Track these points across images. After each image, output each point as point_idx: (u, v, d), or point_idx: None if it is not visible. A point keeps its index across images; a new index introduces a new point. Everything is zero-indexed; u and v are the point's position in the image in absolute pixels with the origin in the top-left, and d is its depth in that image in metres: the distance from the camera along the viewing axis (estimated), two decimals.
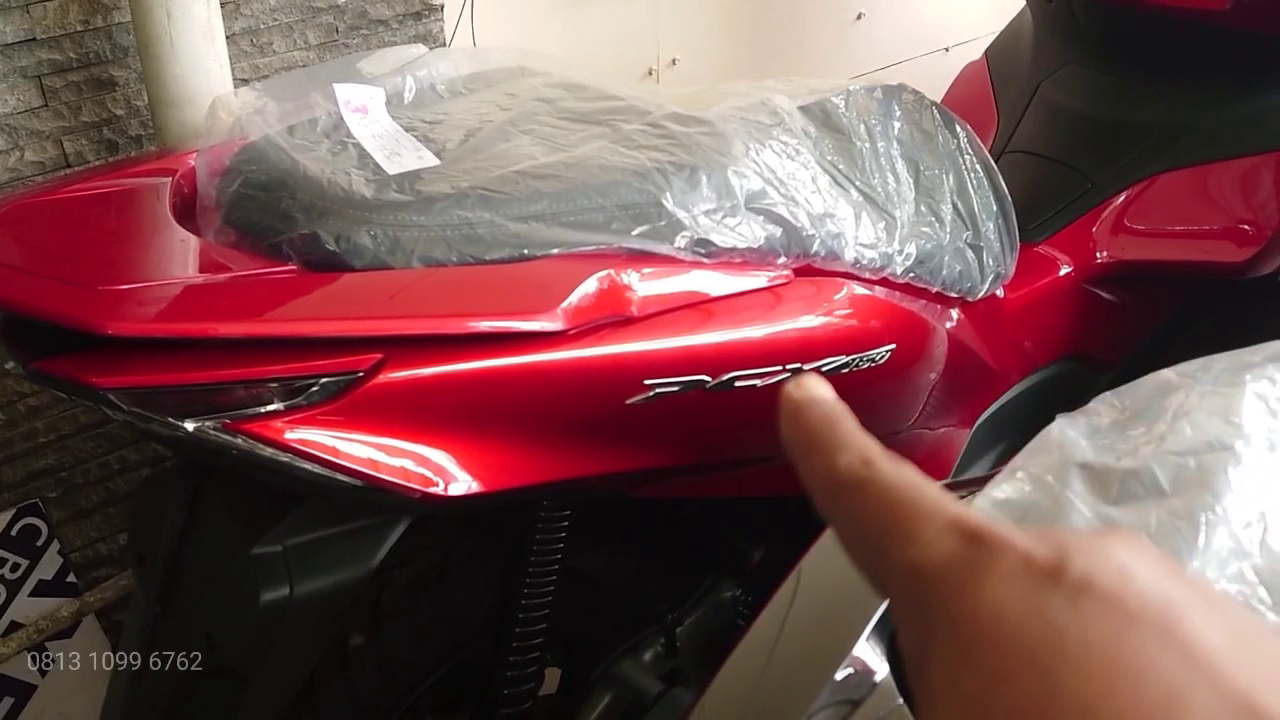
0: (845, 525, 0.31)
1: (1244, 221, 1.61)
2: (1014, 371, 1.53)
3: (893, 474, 0.30)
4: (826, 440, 0.32)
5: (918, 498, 0.30)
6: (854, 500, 0.30)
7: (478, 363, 0.83)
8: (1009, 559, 0.27)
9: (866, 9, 2.24)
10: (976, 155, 1.37)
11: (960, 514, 0.29)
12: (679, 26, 1.90)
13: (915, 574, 0.28)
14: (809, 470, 0.32)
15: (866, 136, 1.21)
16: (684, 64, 1.94)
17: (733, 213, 0.98)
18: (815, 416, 0.33)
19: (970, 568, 0.27)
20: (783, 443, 0.33)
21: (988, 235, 1.33)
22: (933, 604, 0.27)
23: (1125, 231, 1.63)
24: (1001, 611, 0.26)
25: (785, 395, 0.33)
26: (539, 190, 0.92)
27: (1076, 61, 1.77)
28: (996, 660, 0.25)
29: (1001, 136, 1.82)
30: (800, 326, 1.02)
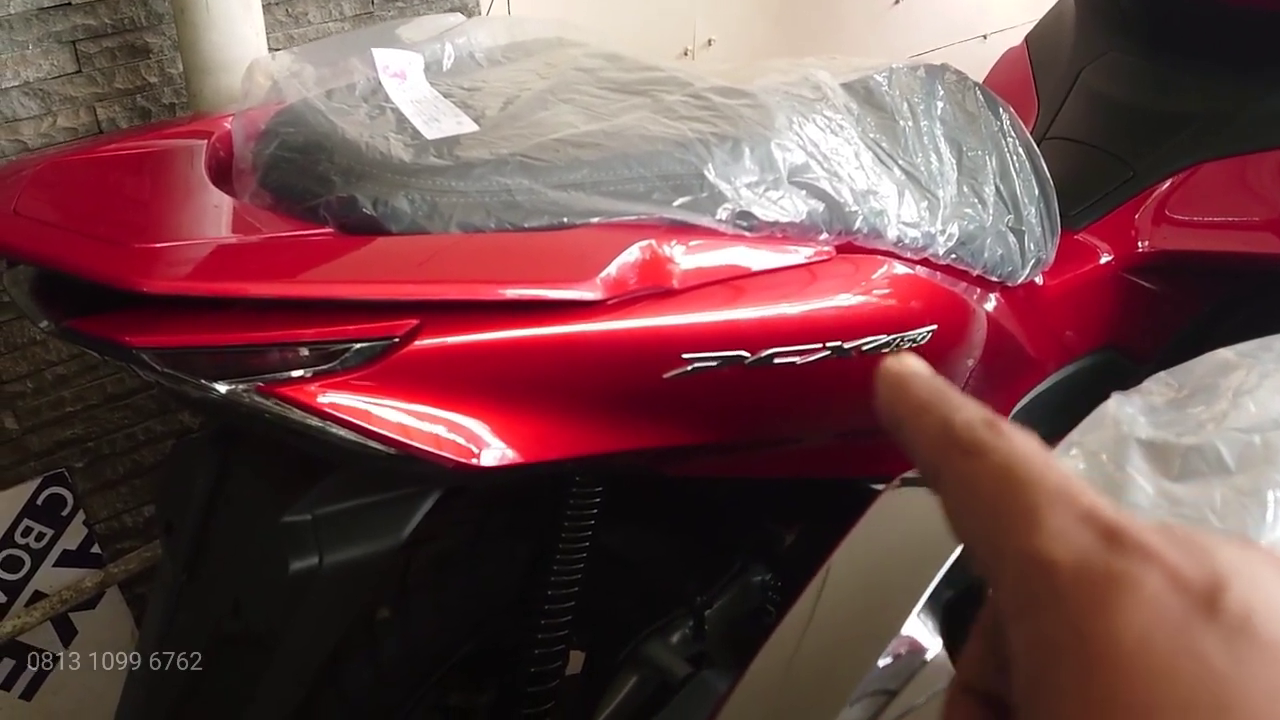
0: (956, 493, 0.28)
1: None
2: (1051, 360, 1.51)
3: (1019, 442, 0.27)
4: (938, 399, 0.29)
5: (1047, 476, 0.26)
6: (970, 466, 0.27)
7: (514, 331, 0.82)
8: (1155, 575, 0.24)
9: None
10: (1019, 138, 1.35)
11: (1095, 505, 0.26)
12: (714, 6, 1.88)
13: (1039, 568, 0.25)
14: (918, 429, 0.29)
15: (909, 115, 1.19)
16: (719, 45, 1.92)
17: (775, 186, 0.96)
18: (923, 384, 0.30)
19: (1109, 578, 0.24)
20: (881, 410, 0.30)
21: (1029, 220, 1.31)
22: (1059, 610, 0.24)
23: (1167, 221, 1.60)
24: (1148, 641, 0.23)
25: (885, 369, 0.31)
26: (579, 158, 0.90)
27: (1119, 48, 1.74)
28: (1143, 698, 0.22)
29: (1042, 122, 1.79)
30: (841, 304, 1.00)
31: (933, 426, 0.29)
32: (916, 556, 0.69)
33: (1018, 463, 0.27)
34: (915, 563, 0.68)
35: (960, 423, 0.28)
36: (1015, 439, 0.27)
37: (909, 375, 0.30)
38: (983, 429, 0.28)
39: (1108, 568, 0.24)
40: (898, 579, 0.68)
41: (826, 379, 1.00)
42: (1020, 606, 0.25)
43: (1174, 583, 0.24)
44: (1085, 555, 0.24)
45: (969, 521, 0.28)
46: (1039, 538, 0.25)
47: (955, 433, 0.28)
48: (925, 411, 0.29)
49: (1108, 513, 0.25)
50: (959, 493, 0.28)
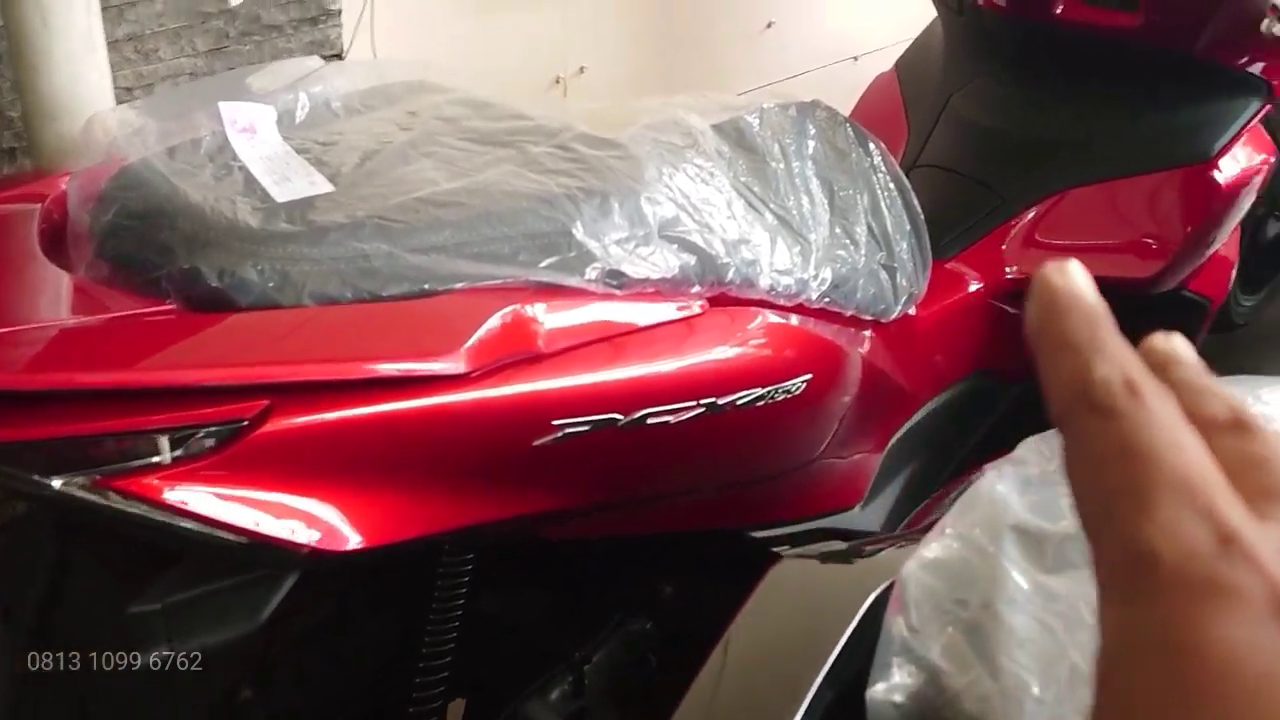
0: (1076, 448, 0.25)
1: (1151, 236, 1.61)
2: (925, 390, 1.51)
3: (1153, 412, 0.25)
4: (1086, 340, 0.26)
5: (1171, 457, 0.24)
6: (1097, 426, 0.25)
7: (374, 407, 0.78)
8: (1260, 594, 0.22)
9: (776, 18, 2.21)
10: (890, 173, 1.35)
11: (1215, 502, 0.23)
12: (587, 35, 1.85)
13: (1141, 558, 0.23)
14: (1054, 369, 0.26)
15: (780, 156, 1.18)
16: (592, 72, 1.89)
17: (645, 241, 0.94)
18: (1077, 311, 0.27)
19: (1212, 586, 0.22)
20: (1027, 329, 0.28)
21: (901, 255, 1.31)
22: (1153, 606, 0.23)
23: (1035, 247, 1.63)
24: (1237, 663, 0.21)
25: (1043, 278, 0.27)
26: (441, 219, 0.87)
27: (988, 74, 1.77)
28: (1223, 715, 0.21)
29: (912, 149, 1.80)
30: (716, 359, 0.98)
31: (1071, 371, 0.26)
32: (812, 632, 0.67)
33: (1144, 436, 0.24)
34: (811, 639, 0.66)
35: (1098, 379, 0.25)
36: (1151, 407, 0.25)
37: (1064, 300, 0.27)
38: (1120, 390, 0.25)
39: (1213, 574, 0.22)
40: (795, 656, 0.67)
41: (701, 436, 0.98)
42: (1114, 588, 0.24)
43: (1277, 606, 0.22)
44: (1192, 555, 0.23)
45: (1082, 481, 0.25)
46: (1148, 525, 0.23)
47: (1091, 388, 0.25)
48: (1067, 350, 0.26)
49: (1226, 512, 0.23)
50: (1079, 449, 0.25)
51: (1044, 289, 0.27)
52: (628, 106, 1.22)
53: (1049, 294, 0.27)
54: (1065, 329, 0.26)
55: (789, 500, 1.23)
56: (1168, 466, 0.24)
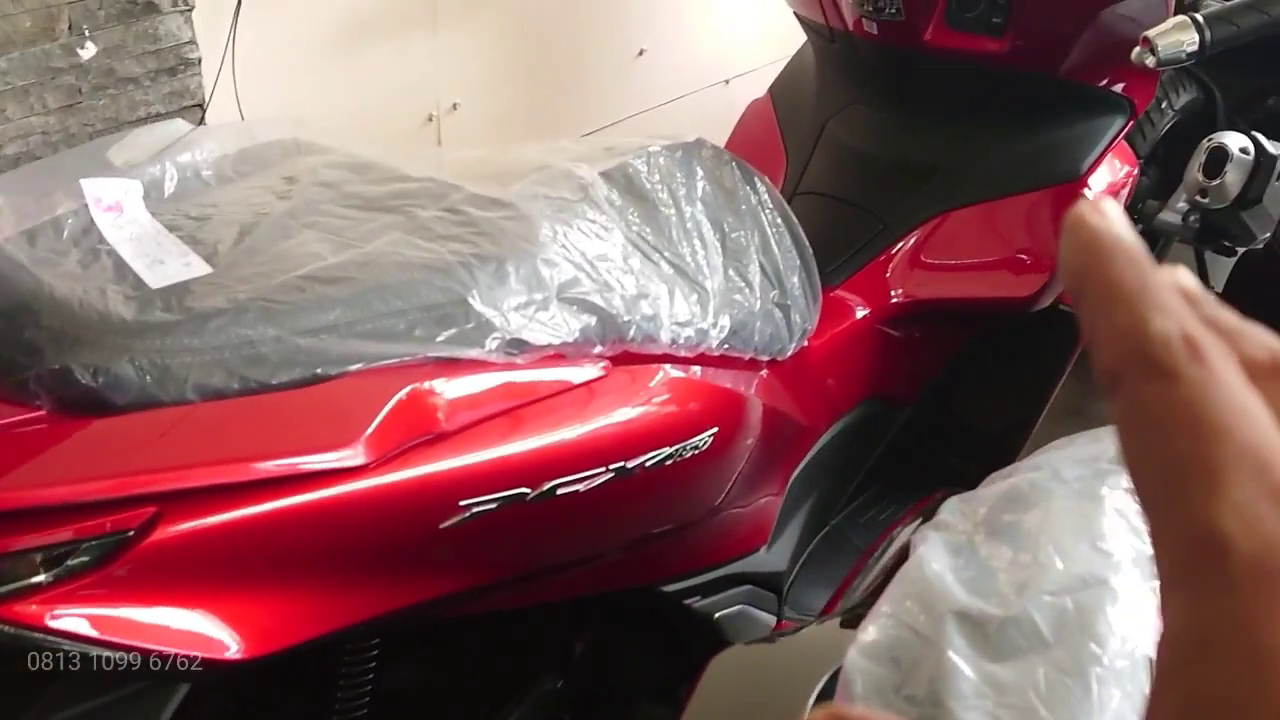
0: (1132, 415, 0.22)
1: (1029, 255, 1.64)
2: (821, 422, 1.51)
3: (1221, 376, 0.22)
4: (1137, 290, 0.23)
5: (1242, 427, 0.21)
6: (1159, 392, 0.22)
7: (270, 504, 0.73)
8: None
9: (648, 45, 2.20)
10: (777, 209, 1.34)
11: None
12: (458, 71, 1.81)
13: (1212, 545, 0.21)
14: (1103, 322, 0.23)
15: (671, 202, 1.16)
16: (466, 108, 1.85)
17: (544, 305, 0.91)
18: (1123, 256, 0.23)
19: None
20: (1064, 276, 0.24)
21: (794, 292, 1.31)
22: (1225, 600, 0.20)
23: (918, 271, 1.64)
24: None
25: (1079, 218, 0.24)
26: (329, 297, 0.82)
27: (861, 100, 1.78)
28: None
29: (792, 177, 1.80)
30: (623, 421, 0.95)
31: (1123, 326, 0.23)
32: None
33: (1211, 404, 0.22)
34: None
35: (1157, 333, 0.22)
36: (1215, 369, 0.22)
37: (1107, 242, 0.24)
38: (1181, 349, 0.22)
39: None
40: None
41: (612, 501, 0.96)
42: (1181, 577, 0.21)
43: None
44: (1270, 543, 0.20)
45: (1139, 451, 0.22)
46: (1218, 507, 0.21)
47: (1148, 346, 0.22)
48: (1118, 304, 0.23)
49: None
50: (1136, 417, 0.22)
51: (1082, 230, 0.24)
52: (510, 155, 1.19)
53: (1089, 235, 0.24)
54: (1112, 276, 0.23)
55: (698, 550, 1.21)
56: (1239, 439, 0.21)
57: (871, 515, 1.74)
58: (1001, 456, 1.82)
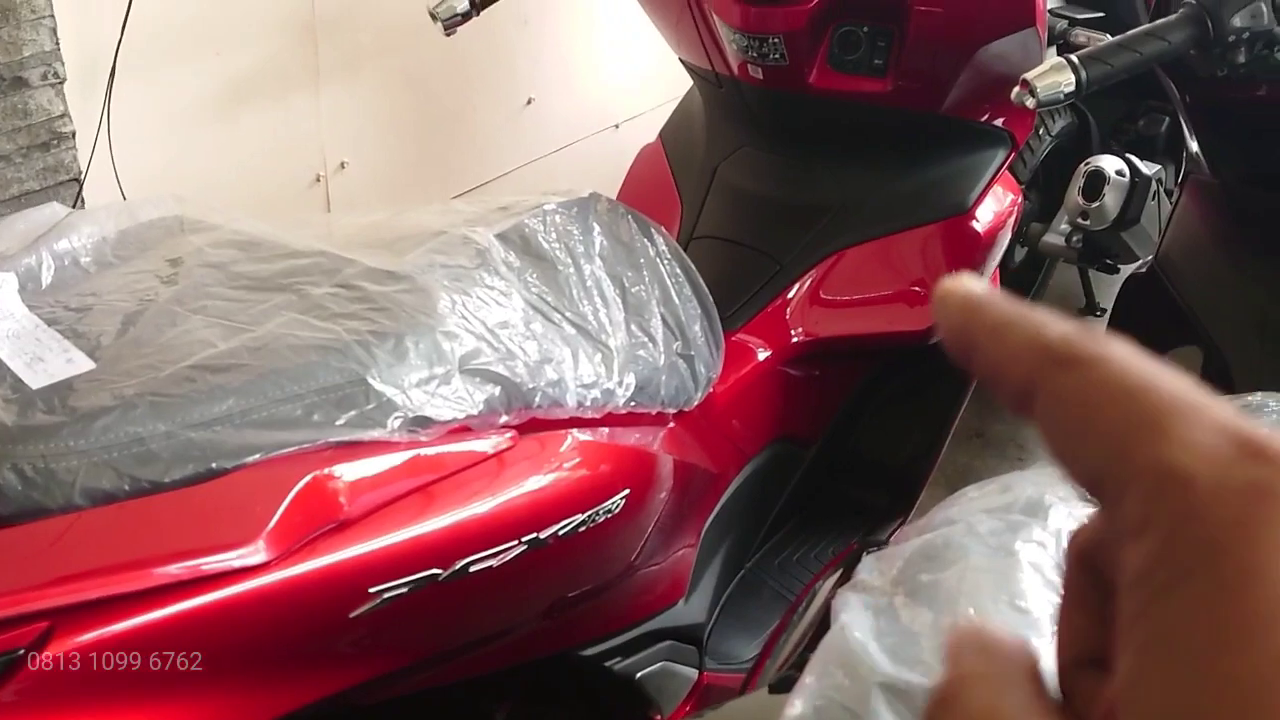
0: (1060, 410, 0.24)
1: (924, 288, 1.67)
2: (731, 468, 1.51)
3: (1123, 350, 0.24)
4: (1021, 315, 0.26)
5: (1164, 383, 0.23)
6: (1075, 378, 0.24)
7: (170, 609, 0.70)
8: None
9: (536, 94, 2.19)
10: (676, 258, 1.34)
11: (1227, 415, 0.22)
12: (344, 129, 1.78)
13: (1172, 480, 0.22)
14: (1002, 351, 0.25)
15: (569, 260, 1.15)
16: (354, 167, 1.82)
17: (446, 380, 0.89)
18: (995, 304, 0.26)
19: (1256, 491, 0.21)
20: (947, 338, 0.27)
21: (696, 341, 1.30)
22: (1193, 526, 0.21)
23: (816, 309, 1.66)
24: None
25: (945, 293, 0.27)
26: (222, 387, 0.80)
27: (750, 143, 1.79)
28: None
29: (687, 222, 1.81)
30: (533, 492, 0.94)
31: (1022, 344, 0.25)
32: None
33: (1130, 371, 0.24)
34: None
35: (1056, 335, 0.25)
36: (1121, 348, 0.24)
37: (976, 298, 0.27)
38: (1084, 339, 0.24)
39: (1255, 481, 0.21)
40: None
41: (526, 573, 0.94)
42: (1145, 523, 0.22)
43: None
44: (1226, 467, 0.22)
45: (1079, 439, 0.24)
46: (1170, 447, 0.22)
47: (1054, 346, 0.25)
48: (1008, 329, 0.26)
49: (1242, 424, 0.22)
50: (1064, 409, 0.24)
51: (951, 296, 0.27)
52: (404, 219, 1.17)
53: (959, 298, 0.27)
54: (992, 317, 0.26)
55: (615, 610, 1.19)
56: (1166, 389, 0.23)
57: (786, 555, 1.74)
58: (908, 486, 1.85)
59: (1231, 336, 1.37)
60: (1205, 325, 1.44)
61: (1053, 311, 0.26)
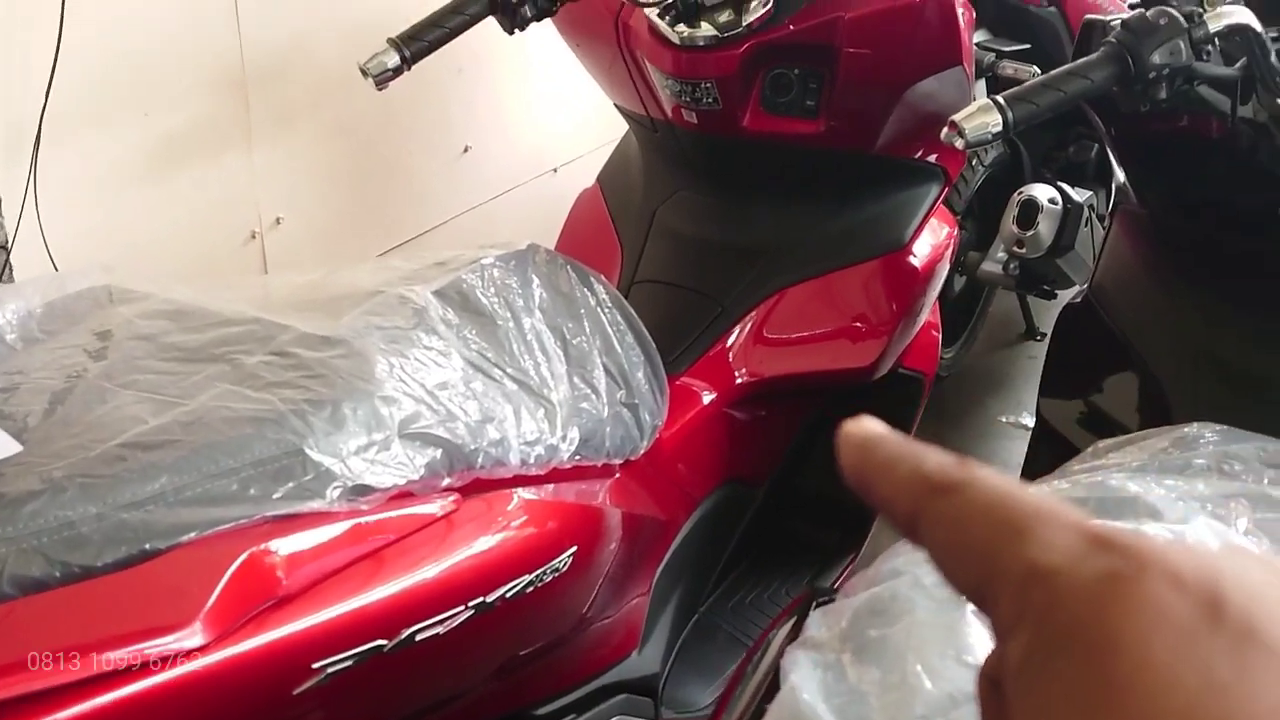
0: (940, 531, 0.28)
1: (865, 324, 1.68)
2: (681, 514, 1.51)
3: (990, 475, 0.28)
4: (907, 453, 0.30)
5: (1030, 498, 0.26)
6: (953, 501, 0.28)
7: (105, 699, 0.68)
8: (1154, 577, 0.23)
9: (472, 141, 2.19)
10: (616, 306, 1.34)
11: (1083, 519, 0.26)
12: (278, 184, 1.76)
13: (1035, 576, 0.25)
14: (890, 484, 0.30)
15: (509, 314, 1.14)
16: (289, 222, 1.80)
17: (386, 446, 0.88)
18: (885, 444, 0.31)
19: (1109, 579, 0.24)
20: (846, 473, 0.31)
21: (640, 389, 1.30)
22: (1058, 612, 0.24)
23: (759, 350, 1.66)
24: (1149, 644, 0.22)
25: (845, 435, 0.31)
26: (154, 465, 0.78)
27: (688, 186, 1.80)
28: (1143, 706, 0.22)
29: (628, 266, 1.81)
30: (478, 555, 0.92)
31: (906, 477, 0.29)
32: None
33: (995, 490, 0.27)
34: None
35: (933, 467, 0.29)
36: (986, 473, 0.28)
37: (871, 439, 0.31)
38: (955, 468, 0.28)
39: (1103, 568, 0.24)
40: None
41: (474, 638, 0.92)
42: (1017, 618, 0.25)
43: (1173, 585, 0.23)
44: (1080, 559, 0.24)
45: (958, 554, 0.27)
46: (1033, 548, 0.25)
47: (931, 477, 0.28)
48: (895, 465, 0.30)
49: (1098, 526, 0.25)
50: (944, 530, 0.28)
51: (850, 438, 0.31)
52: (341, 278, 1.16)
53: (857, 438, 0.31)
54: (885, 455, 0.30)
55: (567, 667, 1.18)
56: (1023, 503, 0.26)
57: (740, 598, 1.74)
58: (859, 522, 1.85)
59: (1166, 365, 1.39)
60: (1141, 354, 1.46)
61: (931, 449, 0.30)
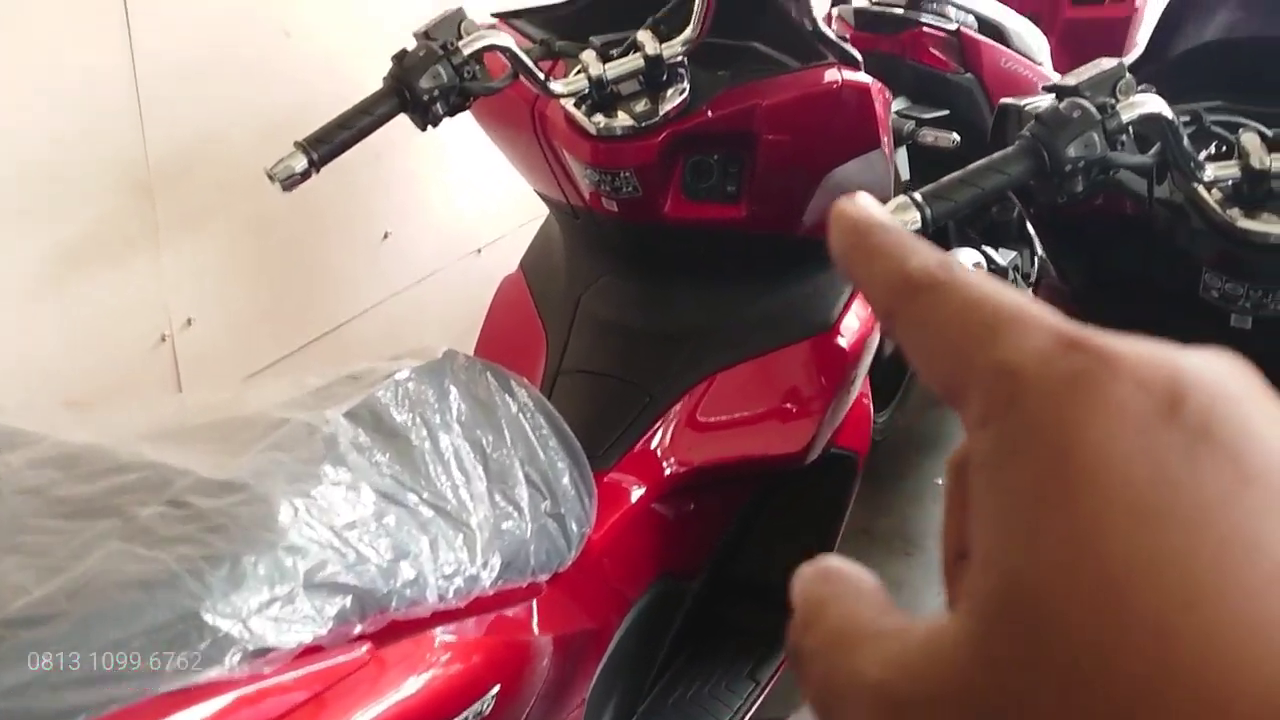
0: (916, 329, 0.28)
1: (797, 408, 1.66)
2: (614, 617, 1.46)
3: (975, 276, 0.28)
4: (893, 245, 0.30)
5: (1007, 299, 0.27)
6: (931, 300, 0.28)
7: None
8: (1117, 376, 0.24)
9: (392, 227, 2.15)
10: (539, 409, 1.30)
11: (1054, 319, 0.26)
12: (189, 285, 1.70)
13: (1004, 374, 0.25)
14: (872, 276, 0.30)
15: (425, 433, 1.10)
16: (202, 323, 1.74)
17: (290, 599, 0.83)
18: (878, 228, 0.30)
19: (1074, 379, 0.24)
20: (836, 258, 0.31)
21: (566, 496, 1.26)
22: (1022, 411, 0.24)
23: (690, 439, 1.63)
24: (1107, 442, 0.23)
25: (839, 212, 0.31)
26: (37, 641, 0.72)
27: (612, 272, 1.77)
28: (1095, 501, 0.22)
29: (553, 356, 1.77)
30: (393, 706, 0.88)
31: (888, 273, 0.29)
32: None
33: (973, 290, 0.27)
34: None
35: (915, 266, 0.29)
36: (965, 273, 0.28)
37: (861, 224, 0.30)
38: (936, 268, 0.28)
39: (1070, 368, 0.24)
40: None
41: None
42: (982, 416, 0.25)
43: (1136, 384, 0.24)
44: (1048, 358, 0.25)
45: (932, 353, 0.28)
46: (1001, 348, 0.26)
47: (910, 275, 0.28)
48: (878, 258, 0.30)
49: (1067, 324, 0.26)
50: (920, 328, 0.28)
51: (842, 219, 0.31)
52: (247, 399, 1.12)
53: (848, 220, 0.31)
54: (871, 244, 0.30)
55: None
56: (998, 304, 0.26)
57: (679, 694, 1.69)
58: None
59: None
60: None
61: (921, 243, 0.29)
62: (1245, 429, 0.23)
